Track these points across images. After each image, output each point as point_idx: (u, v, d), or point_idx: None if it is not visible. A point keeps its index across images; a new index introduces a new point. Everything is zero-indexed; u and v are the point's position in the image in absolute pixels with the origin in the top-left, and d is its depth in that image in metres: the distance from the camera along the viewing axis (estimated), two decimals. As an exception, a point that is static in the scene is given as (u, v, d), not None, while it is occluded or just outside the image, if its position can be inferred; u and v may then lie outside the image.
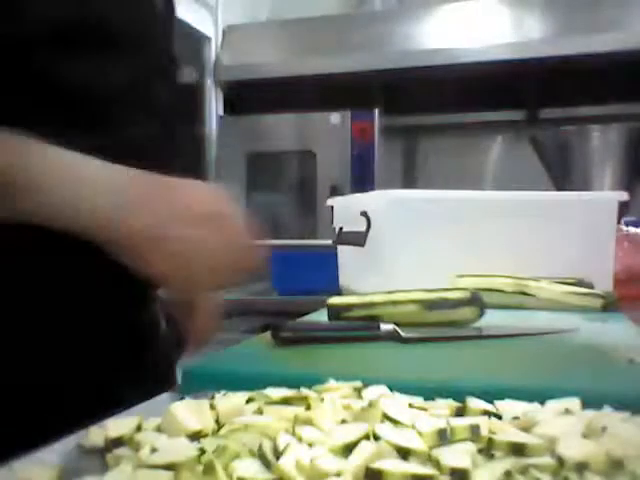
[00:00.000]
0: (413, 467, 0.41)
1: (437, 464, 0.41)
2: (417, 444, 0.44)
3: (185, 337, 0.80)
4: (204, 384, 0.60)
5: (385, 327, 0.76)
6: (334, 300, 0.75)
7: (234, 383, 0.58)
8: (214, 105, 3.20)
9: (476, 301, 0.80)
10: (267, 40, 3.23)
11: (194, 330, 0.80)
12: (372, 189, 2.60)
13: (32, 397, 0.67)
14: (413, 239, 1.20)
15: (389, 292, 0.77)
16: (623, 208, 1.26)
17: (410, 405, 0.52)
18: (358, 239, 1.23)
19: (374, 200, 1.30)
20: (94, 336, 0.71)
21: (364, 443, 0.43)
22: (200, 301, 0.79)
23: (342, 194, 2.35)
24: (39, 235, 0.61)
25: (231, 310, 2.39)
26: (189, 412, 0.50)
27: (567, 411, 0.51)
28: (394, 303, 0.74)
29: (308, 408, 0.51)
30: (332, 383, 0.58)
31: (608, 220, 1.22)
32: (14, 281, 0.66)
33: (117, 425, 0.49)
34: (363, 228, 1.23)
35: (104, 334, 0.72)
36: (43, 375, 0.68)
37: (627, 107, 2.85)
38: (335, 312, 0.75)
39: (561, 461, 0.41)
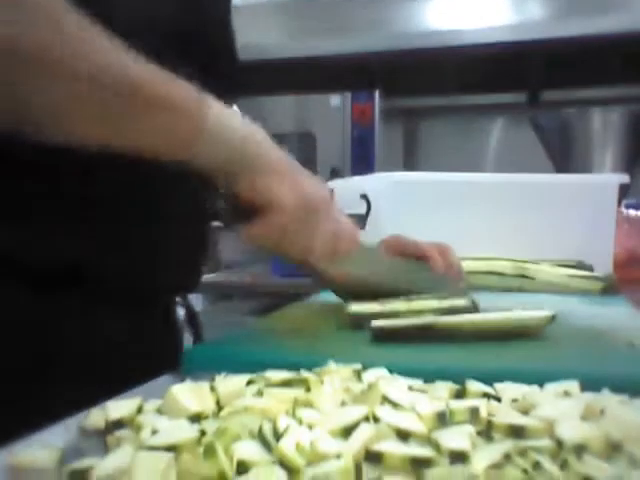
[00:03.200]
0: (412, 449, 0.41)
1: (436, 446, 0.41)
2: (417, 426, 0.44)
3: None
4: (205, 366, 0.60)
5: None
6: (355, 308, 0.75)
7: (235, 365, 0.58)
8: (213, 87, 3.18)
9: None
10: (266, 21, 3.22)
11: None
12: (372, 172, 2.60)
13: (34, 381, 0.67)
14: (413, 222, 1.20)
15: (408, 300, 0.78)
16: (623, 190, 1.26)
17: (410, 387, 0.53)
18: (358, 222, 1.23)
19: (374, 183, 1.30)
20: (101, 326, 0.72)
21: (364, 425, 0.43)
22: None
23: (342, 176, 2.35)
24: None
25: (231, 292, 2.39)
26: (190, 394, 0.50)
27: (566, 394, 0.51)
28: (416, 312, 0.75)
29: (308, 390, 0.52)
30: (332, 366, 0.58)
31: (608, 203, 1.22)
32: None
33: (118, 407, 0.49)
34: (363, 211, 1.23)
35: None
36: (45, 360, 0.68)
37: (628, 89, 2.84)
38: (357, 321, 0.75)
39: (560, 443, 0.42)
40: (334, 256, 0.75)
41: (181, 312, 0.86)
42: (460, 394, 0.52)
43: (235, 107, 1.00)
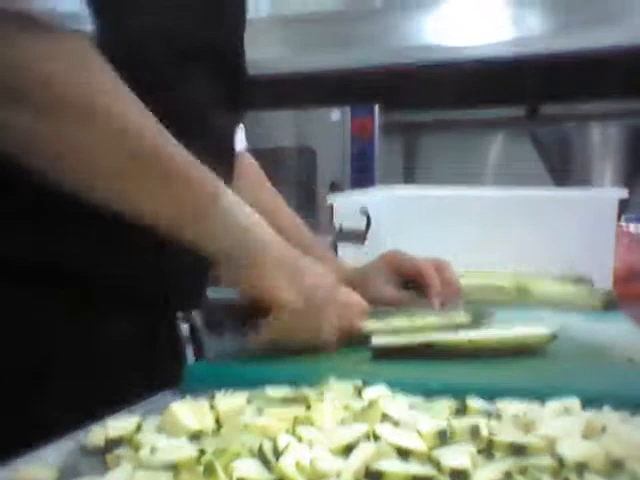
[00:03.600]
0: (413, 467, 0.41)
1: (437, 464, 0.41)
2: (417, 444, 0.44)
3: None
4: (205, 383, 0.60)
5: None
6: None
7: (234, 382, 0.58)
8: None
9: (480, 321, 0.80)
10: (266, 36, 3.23)
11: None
12: (372, 186, 2.60)
13: (35, 396, 0.67)
14: (413, 235, 1.20)
15: (410, 315, 0.79)
16: (623, 205, 1.26)
17: (410, 405, 0.52)
18: (358, 236, 1.23)
19: (374, 197, 1.30)
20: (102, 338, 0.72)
21: (364, 443, 0.43)
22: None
23: (342, 190, 2.35)
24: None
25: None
26: (189, 412, 0.50)
27: (567, 411, 0.51)
28: (417, 329, 0.75)
29: (308, 408, 0.51)
30: (332, 383, 0.58)
31: (608, 217, 1.22)
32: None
33: (117, 425, 0.49)
34: (363, 225, 1.23)
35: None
36: (48, 375, 0.68)
37: (627, 104, 2.84)
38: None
39: (561, 461, 0.41)
40: (343, 339, 0.74)
41: (184, 327, 0.85)
42: (461, 411, 0.52)
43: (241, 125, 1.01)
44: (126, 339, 0.73)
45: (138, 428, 0.49)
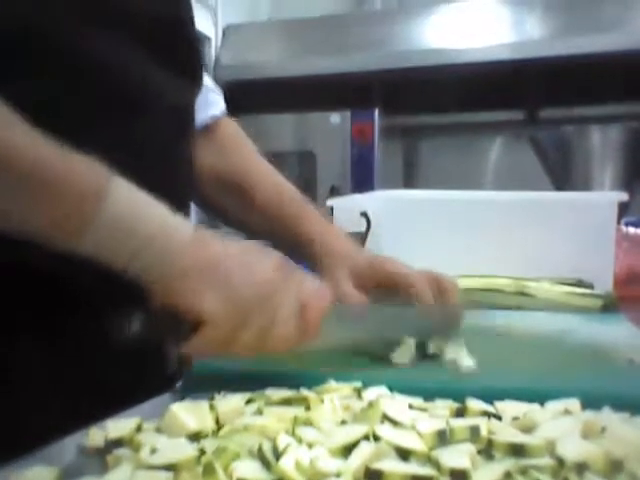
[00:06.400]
0: (413, 468, 0.41)
1: (437, 465, 0.41)
2: (417, 445, 0.44)
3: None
4: (204, 384, 0.60)
5: None
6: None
7: (234, 384, 0.58)
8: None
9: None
10: (267, 40, 3.23)
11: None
12: (372, 189, 2.60)
13: (34, 397, 0.67)
14: (413, 239, 1.20)
15: None
16: (623, 208, 1.26)
17: (410, 406, 0.53)
18: (358, 240, 1.23)
19: (374, 200, 1.30)
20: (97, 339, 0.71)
21: (364, 444, 0.43)
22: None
23: (342, 194, 2.35)
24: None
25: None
26: (189, 413, 0.50)
27: (567, 412, 0.51)
28: None
29: (308, 409, 0.52)
30: (332, 384, 0.58)
31: (608, 220, 1.22)
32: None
33: (117, 426, 0.49)
34: (363, 229, 1.23)
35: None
36: (46, 376, 0.68)
37: (627, 107, 2.85)
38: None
39: (561, 462, 0.41)
40: (302, 338, 0.62)
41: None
42: (460, 412, 0.52)
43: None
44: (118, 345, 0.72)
45: (138, 429, 0.49)
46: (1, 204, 0.55)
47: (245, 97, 3.21)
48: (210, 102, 0.92)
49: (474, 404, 0.52)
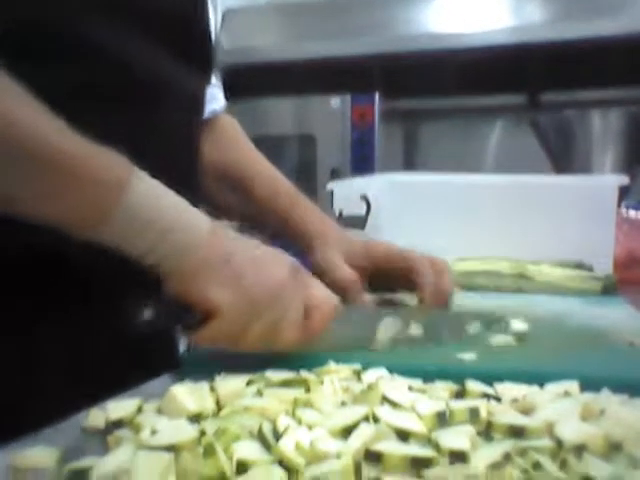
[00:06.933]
0: (412, 449, 0.41)
1: (436, 446, 0.41)
2: (416, 426, 0.44)
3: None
4: (204, 366, 0.60)
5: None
6: None
7: (234, 365, 0.58)
8: (213, 88, 3.19)
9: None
10: (266, 24, 3.22)
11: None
12: (372, 173, 2.60)
13: (35, 382, 0.67)
14: (413, 222, 1.20)
15: None
16: (623, 192, 1.26)
17: (409, 387, 0.53)
18: (358, 223, 1.23)
19: (374, 184, 1.30)
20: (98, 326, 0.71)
21: (363, 425, 0.43)
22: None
23: (342, 178, 2.35)
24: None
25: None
26: (189, 394, 0.50)
27: (566, 394, 0.51)
28: None
29: (308, 390, 0.52)
30: (332, 365, 0.58)
31: (608, 204, 1.22)
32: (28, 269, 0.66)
33: (118, 407, 0.49)
34: (363, 212, 1.23)
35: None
36: (44, 363, 0.68)
37: (628, 91, 2.84)
38: None
39: (560, 443, 0.42)
40: (305, 338, 0.63)
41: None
42: (460, 394, 0.52)
43: (220, 101, 0.99)
44: (116, 329, 0.72)
45: (139, 410, 0.49)
46: (22, 192, 0.55)
47: (245, 81, 3.20)
48: (211, 96, 0.93)
49: (473, 386, 0.52)
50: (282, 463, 0.40)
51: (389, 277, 0.87)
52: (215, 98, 0.96)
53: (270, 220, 0.94)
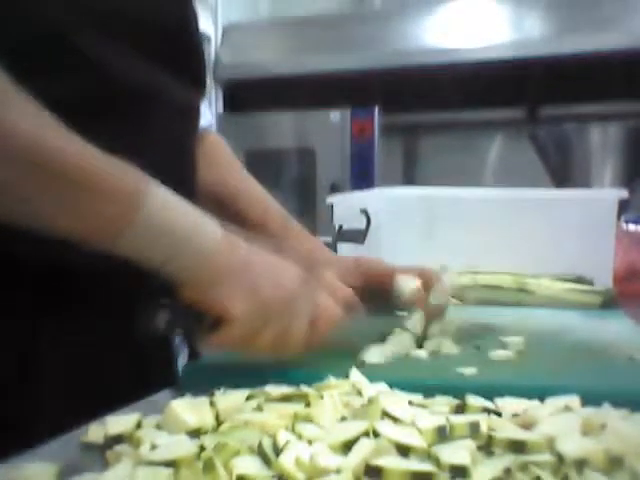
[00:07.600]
0: (413, 464, 0.41)
1: (437, 461, 0.41)
2: (417, 441, 0.44)
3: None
4: (204, 381, 0.60)
5: None
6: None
7: (234, 380, 0.58)
8: (214, 103, 3.20)
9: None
10: (267, 38, 3.23)
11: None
12: (372, 187, 2.60)
13: (34, 397, 0.67)
14: (413, 236, 1.20)
15: None
16: (623, 205, 1.26)
17: (410, 402, 0.52)
18: (358, 237, 1.23)
19: (374, 198, 1.30)
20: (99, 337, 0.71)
21: (364, 440, 0.43)
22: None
23: (342, 192, 2.36)
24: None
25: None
26: (189, 409, 0.50)
27: (567, 408, 0.51)
28: None
29: (308, 405, 0.52)
30: (332, 380, 0.58)
31: (608, 217, 1.22)
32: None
33: (117, 422, 0.49)
34: (363, 226, 1.23)
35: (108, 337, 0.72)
36: (45, 373, 0.68)
37: (627, 105, 2.85)
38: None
39: (561, 458, 0.41)
40: (310, 344, 0.65)
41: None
42: (460, 409, 0.52)
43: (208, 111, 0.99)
44: (115, 345, 0.72)
45: (138, 425, 0.49)
46: (38, 205, 0.55)
47: (245, 95, 3.22)
48: None
49: (474, 401, 0.52)
50: (282, 478, 0.40)
51: (381, 293, 0.87)
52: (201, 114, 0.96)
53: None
